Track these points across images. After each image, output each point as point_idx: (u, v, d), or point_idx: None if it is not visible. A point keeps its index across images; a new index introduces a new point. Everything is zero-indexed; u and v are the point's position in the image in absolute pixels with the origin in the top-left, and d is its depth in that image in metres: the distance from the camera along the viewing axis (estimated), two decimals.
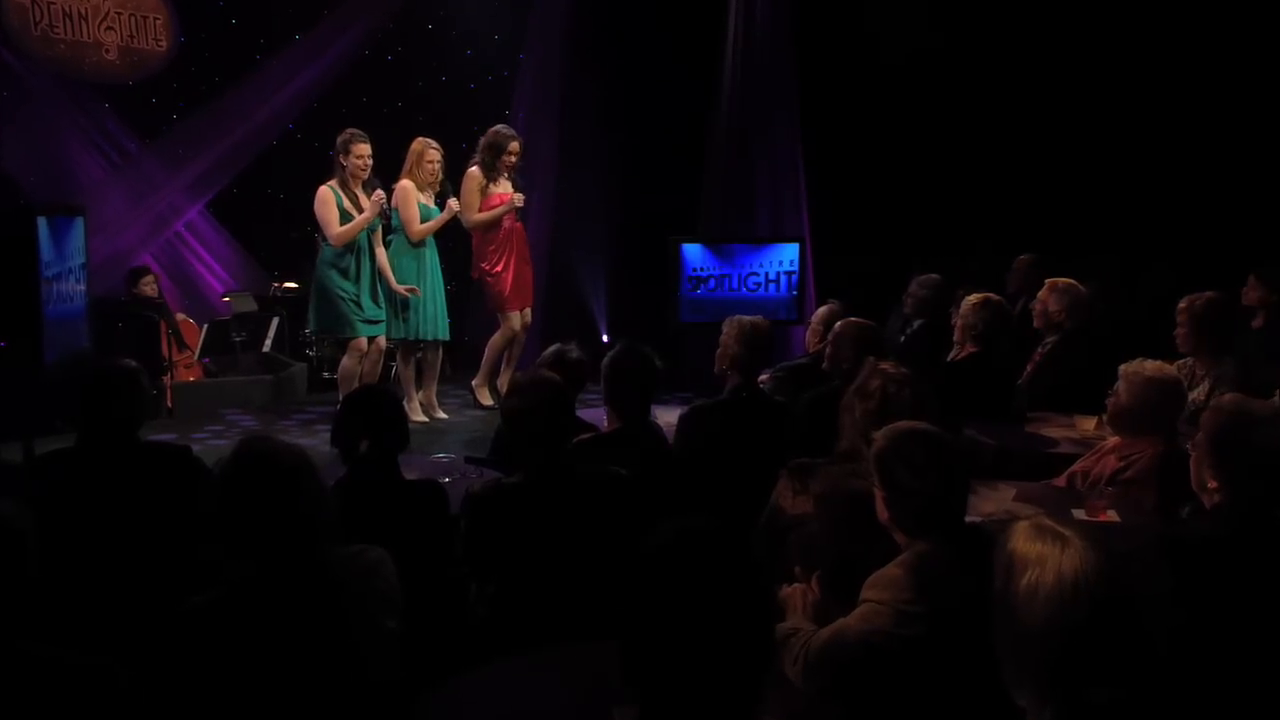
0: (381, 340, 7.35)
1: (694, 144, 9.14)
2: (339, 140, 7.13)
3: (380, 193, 7.10)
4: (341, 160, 7.08)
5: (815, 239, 8.87)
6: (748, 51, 8.94)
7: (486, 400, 7.84)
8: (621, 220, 9.54)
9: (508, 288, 7.64)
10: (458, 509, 3.32)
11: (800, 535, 3.03)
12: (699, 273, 7.99)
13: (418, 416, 7.36)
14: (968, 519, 2.74)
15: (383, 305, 7.28)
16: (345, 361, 7.23)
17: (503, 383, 7.73)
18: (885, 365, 3.37)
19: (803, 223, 8.99)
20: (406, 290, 7.25)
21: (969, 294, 5.61)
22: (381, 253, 7.25)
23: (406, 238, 7.30)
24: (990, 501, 3.69)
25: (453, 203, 7.35)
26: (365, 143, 7.11)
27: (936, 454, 2.61)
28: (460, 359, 8.98)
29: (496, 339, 7.75)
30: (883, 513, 2.67)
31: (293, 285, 9.37)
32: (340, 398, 7.22)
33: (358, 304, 7.14)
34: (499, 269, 7.62)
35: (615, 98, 9.35)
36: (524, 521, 3.12)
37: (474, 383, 7.93)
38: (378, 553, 2.49)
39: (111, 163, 9.25)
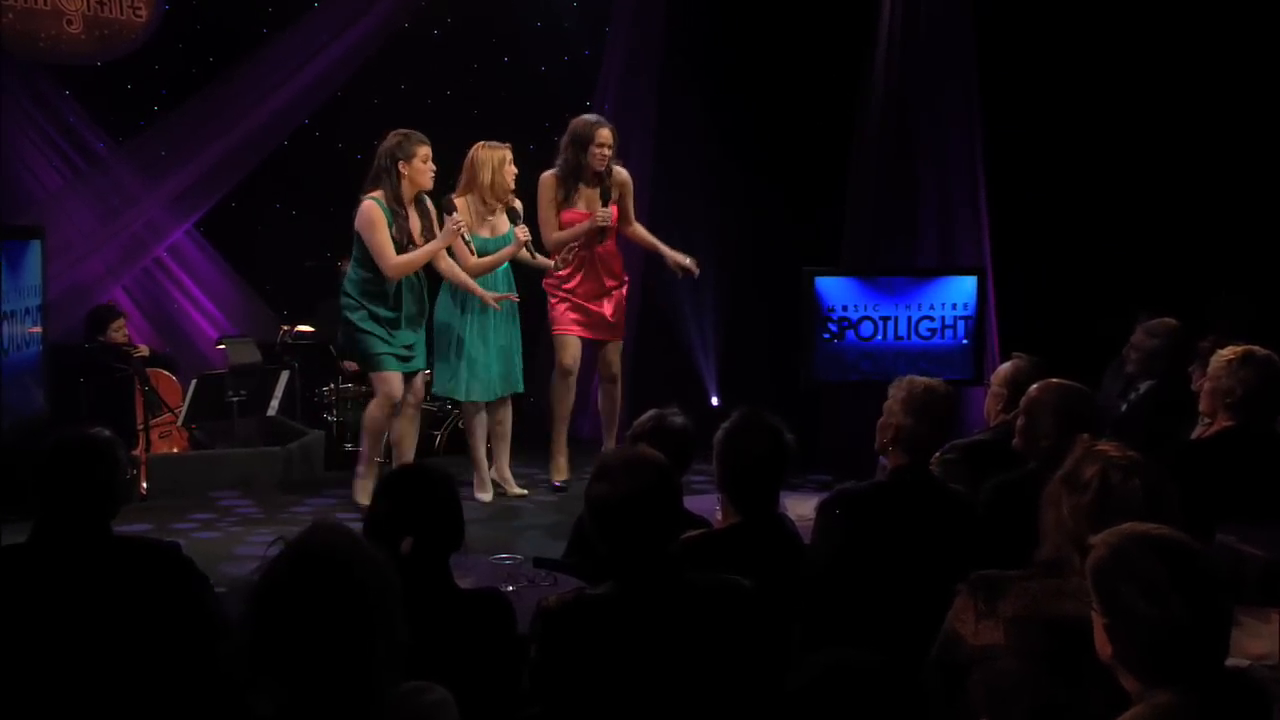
0: (419, 383, 7.47)
1: (834, 150, 9.15)
2: (391, 144, 7.18)
3: (459, 218, 7.19)
4: (401, 168, 7.14)
5: (998, 270, 8.81)
6: (909, 32, 8.91)
7: (559, 476, 7.99)
8: (737, 248, 9.60)
9: (567, 303, 7.79)
10: (525, 628, 3.35)
11: (987, 674, 3.03)
12: (843, 313, 7.95)
13: (483, 495, 7.59)
14: (1228, 661, 2.67)
15: (420, 334, 7.43)
16: (371, 409, 7.36)
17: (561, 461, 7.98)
18: (1104, 445, 3.34)
19: (983, 249, 8.94)
20: (496, 300, 7.40)
21: (1219, 345, 5.50)
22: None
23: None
24: (1261, 639, 3.62)
25: (520, 231, 7.46)
26: (426, 144, 7.21)
27: (1180, 569, 2.57)
28: (525, 427, 9.06)
29: (555, 382, 7.91)
30: (1104, 648, 2.64)
31: (307, 329, 9.45)
32: (358, 461, 7.43)
33: (389, 335, 7.24)
34: (566, 279, 7.77)
35: (729, 88, 9.44)
36: (613, 645, 3.14)
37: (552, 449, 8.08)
38: (439, 694, 2.48)
39: (74, 168, 9.48)
